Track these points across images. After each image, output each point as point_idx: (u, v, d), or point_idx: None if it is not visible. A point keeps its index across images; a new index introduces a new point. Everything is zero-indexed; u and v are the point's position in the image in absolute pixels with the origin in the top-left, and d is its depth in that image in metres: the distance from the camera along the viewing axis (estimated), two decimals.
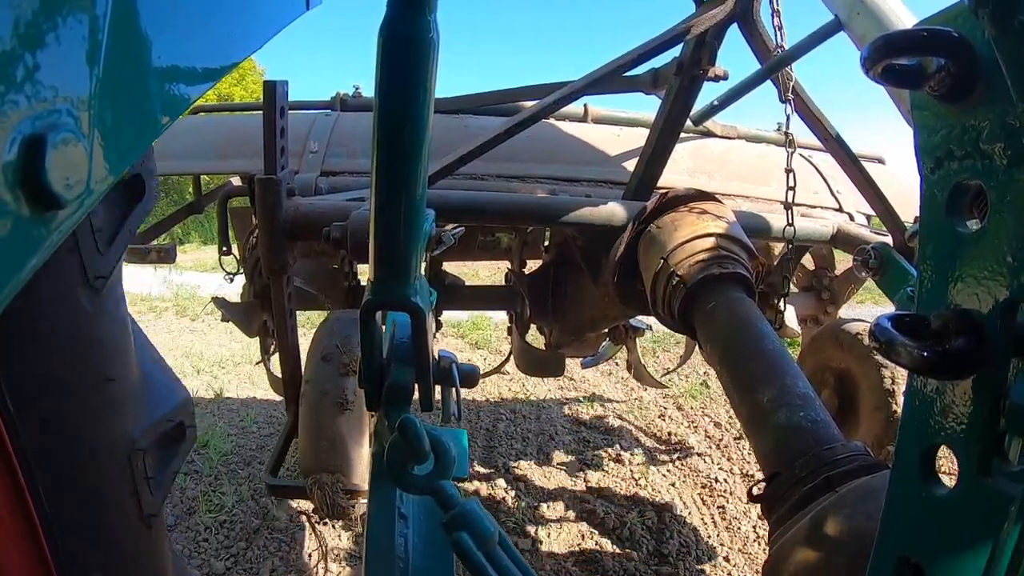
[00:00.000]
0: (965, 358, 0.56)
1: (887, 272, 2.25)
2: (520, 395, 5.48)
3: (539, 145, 3.01)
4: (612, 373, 5.95)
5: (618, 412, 5.16)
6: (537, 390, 5.60)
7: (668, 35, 2.26)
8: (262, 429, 4.58)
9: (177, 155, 2.89)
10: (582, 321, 3.19)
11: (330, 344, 2.04)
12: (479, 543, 0.86)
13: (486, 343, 7.05)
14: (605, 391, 5.63)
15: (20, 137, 0.37)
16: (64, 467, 0.70)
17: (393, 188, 0.85)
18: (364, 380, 1.04)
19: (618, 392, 5.61)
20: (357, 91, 3.47)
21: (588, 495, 3.78)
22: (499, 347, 6.69)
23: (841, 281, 3.57)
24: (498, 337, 7.04)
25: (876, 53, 0.59)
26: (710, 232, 1.86)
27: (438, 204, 2.12)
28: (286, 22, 0.77)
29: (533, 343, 3.68)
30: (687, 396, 5.47)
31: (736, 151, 3.39)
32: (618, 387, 5.73)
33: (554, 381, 5.70)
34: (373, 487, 1.08)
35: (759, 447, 1.39)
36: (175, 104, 0.53)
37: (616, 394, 5.57)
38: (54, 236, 0.42)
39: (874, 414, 2.31)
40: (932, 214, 0.63)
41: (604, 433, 4.75)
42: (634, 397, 5.49)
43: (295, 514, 3.39)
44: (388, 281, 0.94)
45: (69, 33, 0.40)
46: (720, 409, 5.13)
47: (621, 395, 5.54)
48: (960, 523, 0.59)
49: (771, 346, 1.53)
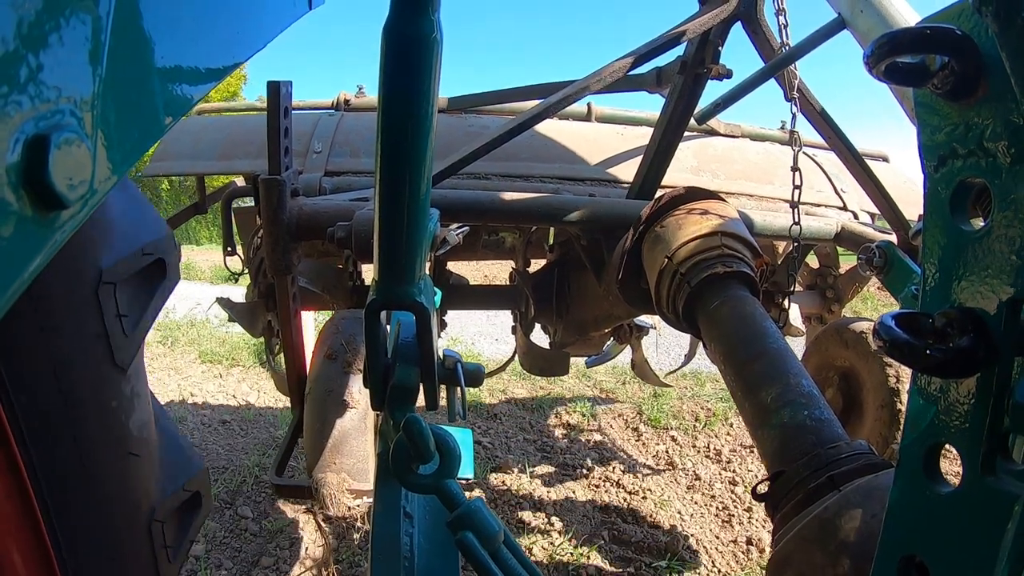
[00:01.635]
0: (969, 357, 0.56)
1: (891, 271, 2.24)
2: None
3: (543, 144, 3.01)
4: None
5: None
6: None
7: (672, 34, 2.26)
8: None
9: (181, 156, 2.90)
10: (586, 320, 3.18)
11: (335, 343, 2.05)
12: (484, 542, 0.86)
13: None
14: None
15: (24, 137, 0.38)
16: (89, 538, 0.71)
17: (397, 188, 0.85)
18: (369, 380, 1.04)
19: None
20: (360, 91, 3.47)
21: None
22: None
23: (845, 280, 3.56)
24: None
25: (879, 51, 0.59)
26: (714, 231, 1.86)
27: (442, 204, 2.13)
28: (289, 22, 0.77)
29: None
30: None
31: (740, 150, 3.38)
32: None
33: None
34: (378, 486, 1.08)
35: (763, 446, 1.39)
36: (178, 104, 0.53)
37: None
38: (57, 236, 0.42)
39: (878, 413, 2.31)
40: (936, 212, 0.63)
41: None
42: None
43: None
44: (393, 281, 0.94)
45: (72, 34, 0.41)
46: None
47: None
48: (964, 522, 0.59)
49: (775, 345, 1.53)
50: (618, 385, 5.82)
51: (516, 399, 5.38)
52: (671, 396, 5.52)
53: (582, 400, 5.36)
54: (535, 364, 3.86)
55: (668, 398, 5.48)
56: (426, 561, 1.03)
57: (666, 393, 5.43)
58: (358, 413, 1.98)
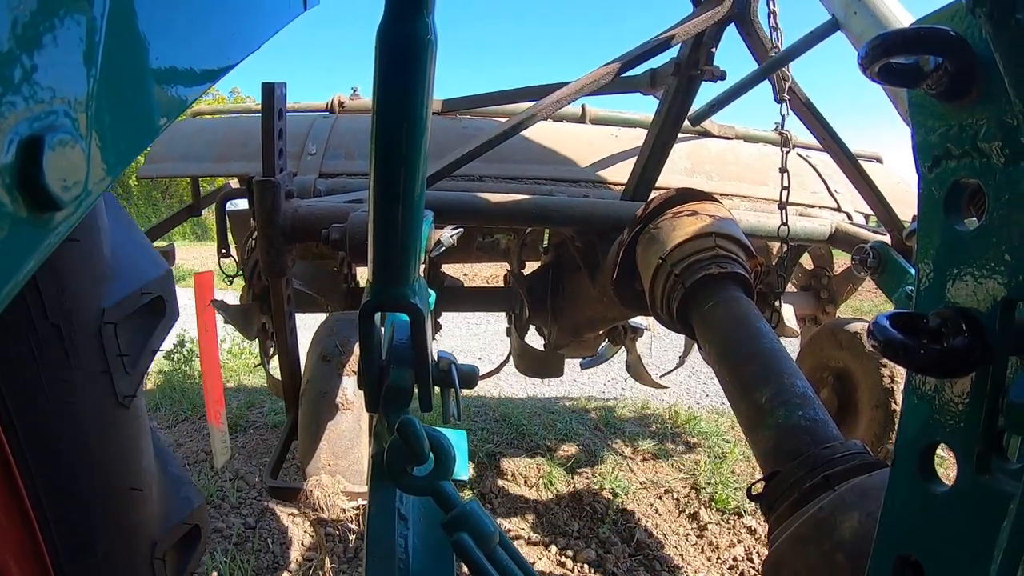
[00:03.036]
0: (964, 356, 0.56)
1: (885, 271, 2.25)
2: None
3: (537, 146, 3.02)
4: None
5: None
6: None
7: (666, 35, 2.27)
8: None
9: (175, 157, 2.89)
10: (581, 322, 3.19)
11: (330, 345, 2.04)
12: (479, 543, 0.86)
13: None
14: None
15: (18, 138, 0.37)
16: (93, 574, 0.72)
17: (392, 189, 0.85)
18: (363, 381, 1.03)
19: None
20: (355, 93, 3.47)
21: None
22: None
23: (839, 280, 3.58)
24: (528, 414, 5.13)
25: (873, 52, 0.59)
26: (708, 232, 1.87)
27: (437, 205, 2.13)
28: (284, 23, 0.77)
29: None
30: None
31: (734, 151, 3.39)
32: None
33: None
34: (373, 488, 1.08)
35: (758, 446, 1.39)
36: (173, 105, 0.53)
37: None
38: (52, 237, 0.42)
39: (873, 413, 2.32)
40: (930, 213, 0.63)
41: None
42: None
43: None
44: (387, 282, 0.94)
45: (66, 34, 0.40)
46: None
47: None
48: (959, 521, 0.59)
49: (769, 345, 1.54)
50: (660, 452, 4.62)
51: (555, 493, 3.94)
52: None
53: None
54: (530, 366, 3.87)
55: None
56: (421, 563, 1.03)
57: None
58: (353, 415, 1.98)
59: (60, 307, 0.68)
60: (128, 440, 0.80)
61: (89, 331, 0.73)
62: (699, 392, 6.21)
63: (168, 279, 0.86)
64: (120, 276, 0.79)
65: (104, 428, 0.76)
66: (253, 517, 3.42)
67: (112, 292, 0.77)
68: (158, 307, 0.86)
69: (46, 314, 0.67)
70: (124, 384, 0.78)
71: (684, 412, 5.32)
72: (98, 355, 0.74)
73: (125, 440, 0.80)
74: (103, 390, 0.75)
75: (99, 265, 0.76)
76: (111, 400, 0.76)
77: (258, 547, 3.14)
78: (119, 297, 0.78)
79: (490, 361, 4.16)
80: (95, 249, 0.75)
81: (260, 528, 3.32)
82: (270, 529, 3.31)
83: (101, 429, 0.76)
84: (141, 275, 0.82)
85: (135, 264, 0.83)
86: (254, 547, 3.13)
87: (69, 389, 0.71)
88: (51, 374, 0.69)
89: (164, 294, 0.86)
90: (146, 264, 0.85)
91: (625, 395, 5.98)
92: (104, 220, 0.78)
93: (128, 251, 0.83)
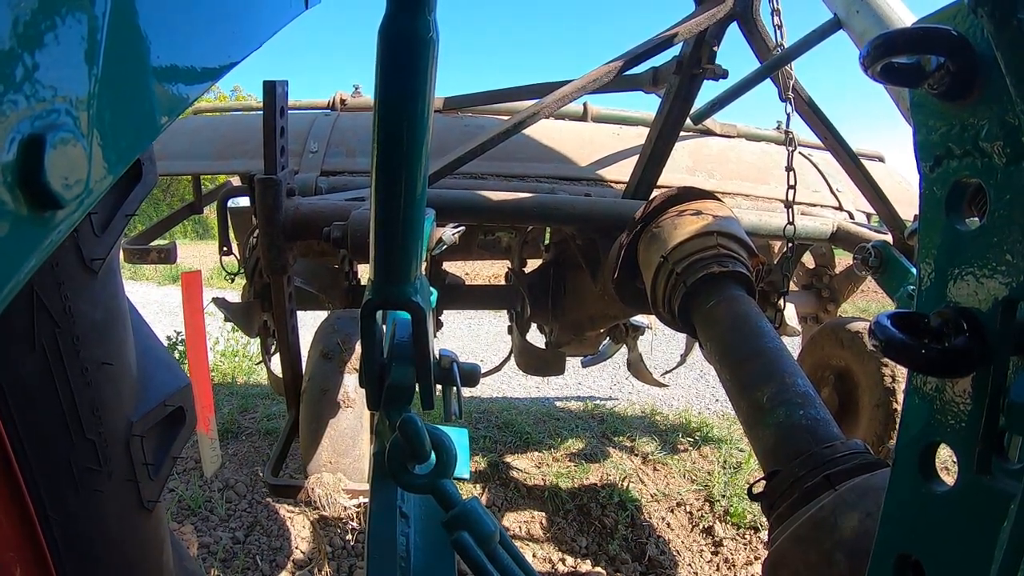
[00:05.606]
0: (965, 356, 0.56)
1: (887, 270, 2.25)
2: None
3: (539, 144, 3.02)
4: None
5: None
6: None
7: (668, 34, 2.26)
8: None
9: (177, 155, 2.89)
10: (582, 320, 3.19)
11: (331, 342, 2.04)
12: (480, 542, 0.86)
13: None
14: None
15: (19, 137, 0.37)
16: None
17: (393, 187, 0.85)
18: (365, 379, 1.03)
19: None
20: (356, 91, 3.47)
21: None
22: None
23: (841, 279, 3.57)
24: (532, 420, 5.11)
25: (875, 51, 0.59)
26: (710, 230, 1.86)
27: (438, 203, 2.13)
28: (285, 21, 0.76)
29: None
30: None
31: (736, 149, 3.39)
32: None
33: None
34: (374, 486, 1.08)
35: (759, 445, 1.39)
36: (174, 103, 0.53)
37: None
38: (53, 236, 0.42)
39: (874, 412, 2.32)
40: (931, 212, 0.63)
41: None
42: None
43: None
44: (388, 280, 0.94)
45: (68, 33, 0.40)
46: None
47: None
48: (960, 521, 0.59)
49: (771, 344, 1.53)
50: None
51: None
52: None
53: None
54: (531, 364, 3.87)
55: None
56: (422, 561, 1.03)
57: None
58: (354, 413, 1.98)
59: (94, 427, 0.74)
60: (150, 542, 0.87)
61: (119, 444, 0.79)
62: (708, 396, 6.11)
63: (188, 391, 0.93)
64: (146, 391, 0.85)
65: (129, 531, 0.83)
66: (242, 531, 3.28)
67: (139, 407, 0.83)
68: (179, 416, 0.92)
69: (83, 432, 0.73)
70: (148, 490, 0.84)
71: (695, 418, 5.23)
72: (126, 465, 0.80)
73: (147, 542, 0.86)
74: (129, 496, 0.81)
75: (128, 384, 0.82)
76: (136, 505, 0.82)
77: (246, 565, 3.01)
78: (145, 410, 0.84)
79: (491, 363, 4.12)
80: (126, 371, 0.81)
81: (248, 543, 3.18)
82: (259, 544, 3.18)
83: (125, 532, 0.82)
84: (163, 388, 0.88)
85: (158, 378, 0.89)
86: (241, 565, 3.00)
87: (99, 497, 0.77)
88: (84, 482, 0.75)
89: (184, 404, 0.92)
90: (168, 377, 0.90)
91: (632, 399, 5.90)
92: (132, 343, 0.83)
93: (152, 366, 0.89)
